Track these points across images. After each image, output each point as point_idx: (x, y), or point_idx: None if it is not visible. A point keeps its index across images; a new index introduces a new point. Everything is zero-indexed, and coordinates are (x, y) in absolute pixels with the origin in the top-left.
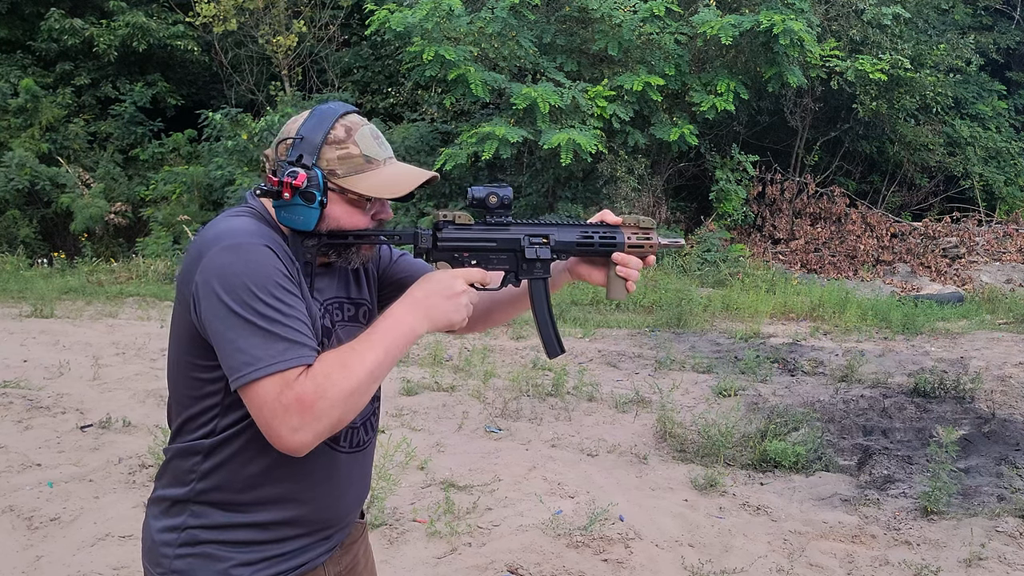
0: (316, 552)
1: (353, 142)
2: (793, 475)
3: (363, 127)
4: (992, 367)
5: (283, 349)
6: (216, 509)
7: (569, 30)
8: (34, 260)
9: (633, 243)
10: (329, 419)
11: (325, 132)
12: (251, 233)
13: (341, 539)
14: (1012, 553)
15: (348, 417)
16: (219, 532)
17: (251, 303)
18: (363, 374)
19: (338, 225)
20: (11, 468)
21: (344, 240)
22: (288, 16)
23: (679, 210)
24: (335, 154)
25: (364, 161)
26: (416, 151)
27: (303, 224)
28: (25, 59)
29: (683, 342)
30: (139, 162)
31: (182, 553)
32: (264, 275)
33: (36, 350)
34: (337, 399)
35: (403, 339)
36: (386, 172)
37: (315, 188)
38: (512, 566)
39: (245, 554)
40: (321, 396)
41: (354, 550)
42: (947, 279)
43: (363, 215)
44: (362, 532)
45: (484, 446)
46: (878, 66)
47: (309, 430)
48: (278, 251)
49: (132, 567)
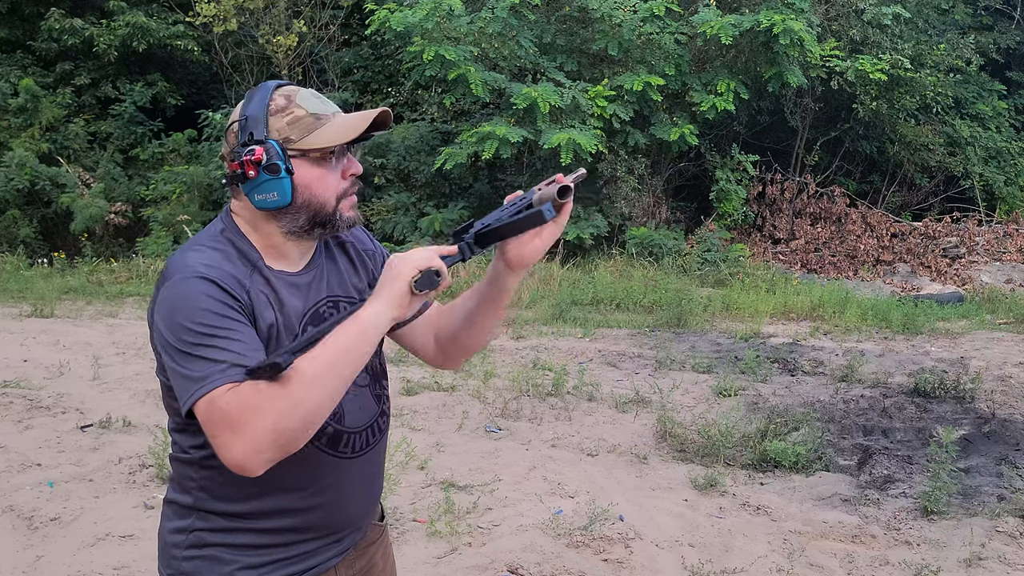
0: (326, 555)
1: (296, 105)
2: (793, 475)
3: (302, 91)
4: (992, 367)
5: (212, 371)
6: (219, 516)
7: (569, 30)
8: (34, 260)
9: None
10: (258, 429)
11: (265, 105)
12: (192, 266)
13: (354, 542)
14: (1012, 553)
15: (292, 416)
16: (224, 535)
17: (184, 336)
18: (303, 369)
19: (311, 192)
20: (11, 468)
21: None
22: (288, 16)
23: (679, 210)
24: (283, 122)
25: (313, 119)
26: (416, 151)
27: (281, 199)
28: (25, 59)
29: (683, 342)
30: (139, 162)
31: (189, 555)
32: (195, 306)
33: (36, 350)
34: (268, 411)
35: (359, 335)
36: (337, 122)
37: (276, 158)
38: (512, 566)
39: (250, 557)
40: (245, 410)
41: (369, 552)
42: (947, 279)
43: (332, 173)
44: (379, 535)
45: (484, 446)
46: (878, 66)
47: (243, 446)
48: (220, 277)
49: (132, 567)
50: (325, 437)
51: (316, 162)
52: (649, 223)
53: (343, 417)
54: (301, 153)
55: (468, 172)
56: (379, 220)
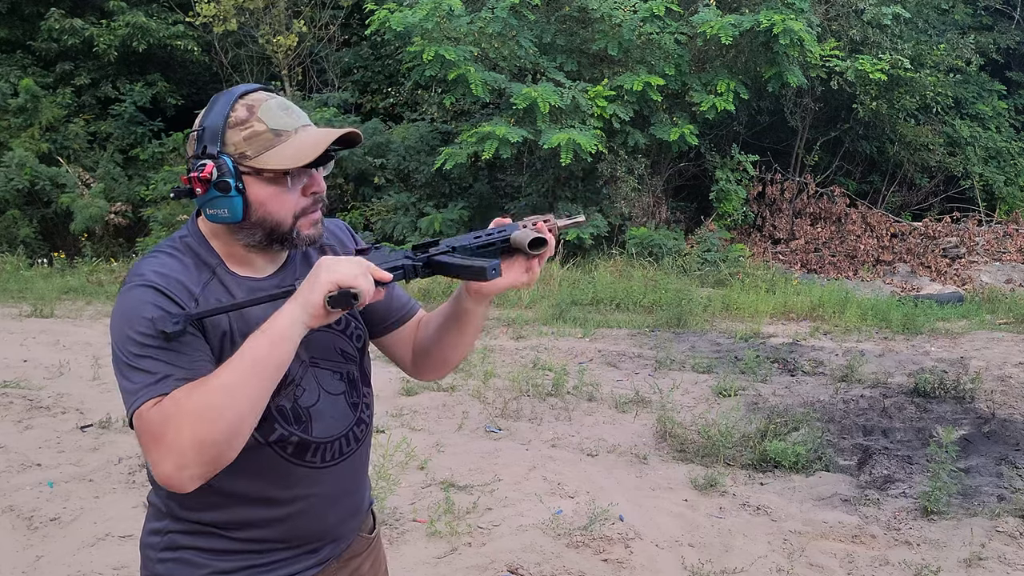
0: (302, 565)
1: (257, 119)
2: (793, 475)
3: (268, 101)
4: (992, 367)
5: (141, 384)
6: (190, 522)
7: (569, 30)
8: (34, 260)
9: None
10: (182, 442)
11: (225, 116)
12: (143, 273)
13: (335, 553)
14: (1012, 553)
15: (212, 429)
16: (196, 539)
17: (125, 346)
18: (212, 390)
19: (265, 210)
20: (11, 468)
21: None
22: (288, 16)
23: (679, 210)
24: (240, 136)
25: (273, 136)
26: (416, 151)
27: (232, 216)
28: (25, 59)
29: (683, 342)
30: (139, 162)
31: (164, 557)
32: (136, 316)
33: (36, 350)
34: (181, 422)
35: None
36: (297, 140)
37: (227, 175)
38: (512, 566)
39: (223, 562)
40: (164, 423)
41: (354, 564)
42: (947, 279)
43: (289, 192)
44: (367, 546)
45: (484, 446)
46: (878, 66)
47: (168, 462)
48: (168, 285)
49: (132, 567)
50: (290, 447)
51: (271, 181)
52: (649, 223)
53: (311, 426)
54: (256, 171)
55: (468, 172)
56: (379, 220)
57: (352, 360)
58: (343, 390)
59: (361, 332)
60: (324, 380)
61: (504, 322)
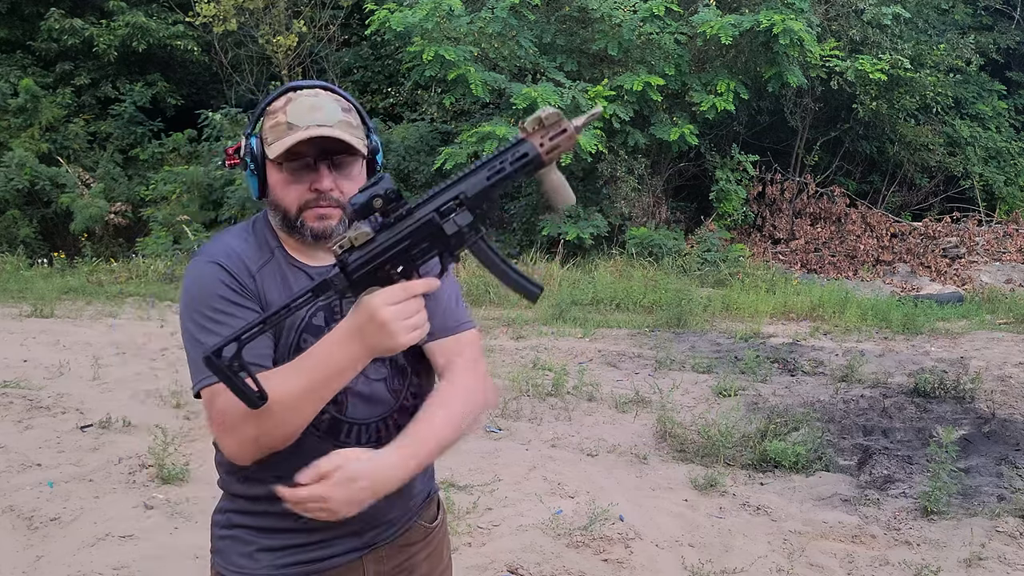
0: (344, 546)
1: (284, 111)
2: (793, 475)
3: (303, 99)
4: (992, 367)
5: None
6: (240, 498)
7: (569, 30)
8: (34, 260)
9: (549, 147)
10: (242, 435)
11: (267, 102)
12: (212, 251)
13: (382, 537)
14: (1012, 553)
15: (272, 435)
16: (246, 517)
17: (196, 319)
18: (277, 401)
19: (276, 195)
20: (11, 468)
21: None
22: (288, 16)
23: (679, 210)
24: (269, 123)
25: (286, 128)
26: (416, 151)
27: (252, 192)
28: (25, 59)
29: (683, 342)
30: (139, 162)
31: (222, 535)
32: (207, 292)
33: (36, 350)
34: (247, 418)
35: (337, 372)
36: (295, 135)
37: (248, 154)
38: (512, 566)
39: (269, 539)
40: (237, 418)
41: (408, 552)
42: (947, 279)
43: (295, 183)
44: (425, 535)
45: (484, 446)
46: (878, 66)
47: (232, 443)
48: (230, 261)
49: (132, 567)
50: (323, 425)
51: (278, 168)
52: (649, 223)
53: (345, 407)
54: (267, 157)
55: None
56: None
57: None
58: (384, 375)
59: None
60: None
61: (504, 322)
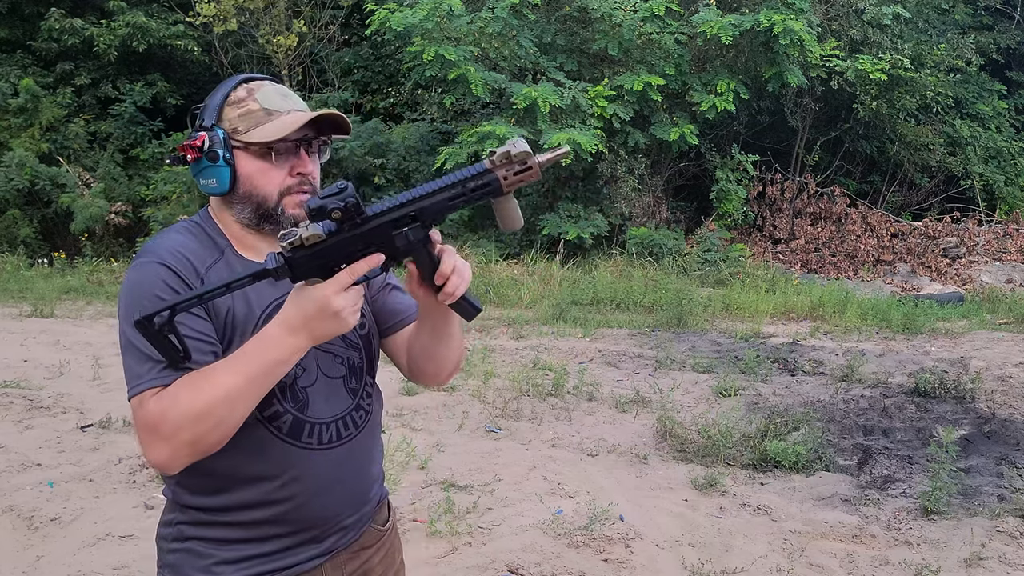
0: (306, 554)
1: (253, 99)
2: (793, 475)
3: (268, 86)
4: (992, 367)
5: (145, 370)
6: (194, 510)
7: (569, 30)
8: (34, 260)
9: (512, 181)
10: (177, 440)
11: (225, 94)
12: (157, 250)
13: (341, 543)
14: (1012, 553)
15: (208, 437)
16: (201, 529)
17: (130, 322)
18: (214, 397)
19: (252, 184)
20: (11, 468)
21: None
22: (288, 16)
23: (679, 210)
24: (235, 113)
25: (264, 114)
26: (416, 151)
27: (220, 186)
28: (25, 59)
29: (683, 342)
30: (139, 162)
31: (173, 548)
32: (144, 294)
33: (36, 350)
34: (181, 421)
35: (274, 364)
36: (284, 119)
37: (217, 146)
38: (512, 566)
39: (227, 552)
40: (163, 419)
41: (364, 556)
42: (947, 279)
43: (277, 168)
44: (377, 539)
45: (484, 446)
46: (878, 66)
47: (161, 450)
48: (177, 262)
49: (132, 567)
50: (285, 426)
51: (258, 156)
52: (649, 223)
53: (306, 406)
54: (244, 145)
55: None
56: None
57: (354, 347)
58: (342, 375)
59: (366, 321)
60: (324, 363)
61: (504, 322)
